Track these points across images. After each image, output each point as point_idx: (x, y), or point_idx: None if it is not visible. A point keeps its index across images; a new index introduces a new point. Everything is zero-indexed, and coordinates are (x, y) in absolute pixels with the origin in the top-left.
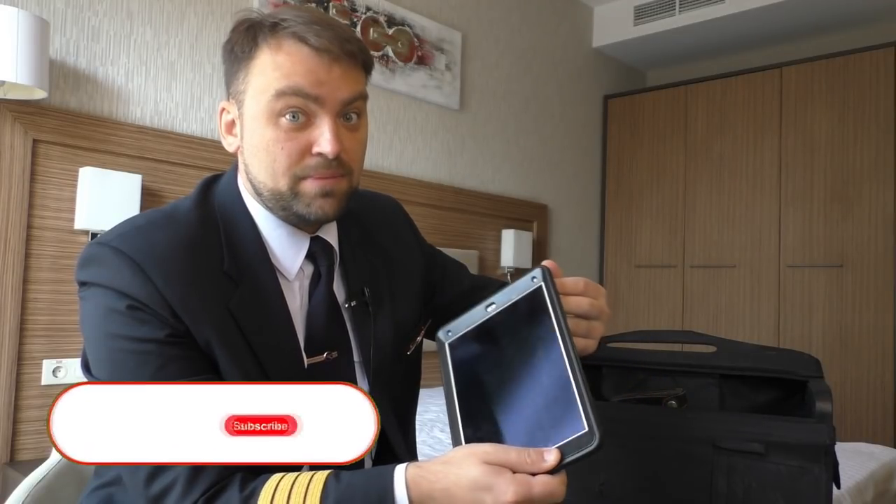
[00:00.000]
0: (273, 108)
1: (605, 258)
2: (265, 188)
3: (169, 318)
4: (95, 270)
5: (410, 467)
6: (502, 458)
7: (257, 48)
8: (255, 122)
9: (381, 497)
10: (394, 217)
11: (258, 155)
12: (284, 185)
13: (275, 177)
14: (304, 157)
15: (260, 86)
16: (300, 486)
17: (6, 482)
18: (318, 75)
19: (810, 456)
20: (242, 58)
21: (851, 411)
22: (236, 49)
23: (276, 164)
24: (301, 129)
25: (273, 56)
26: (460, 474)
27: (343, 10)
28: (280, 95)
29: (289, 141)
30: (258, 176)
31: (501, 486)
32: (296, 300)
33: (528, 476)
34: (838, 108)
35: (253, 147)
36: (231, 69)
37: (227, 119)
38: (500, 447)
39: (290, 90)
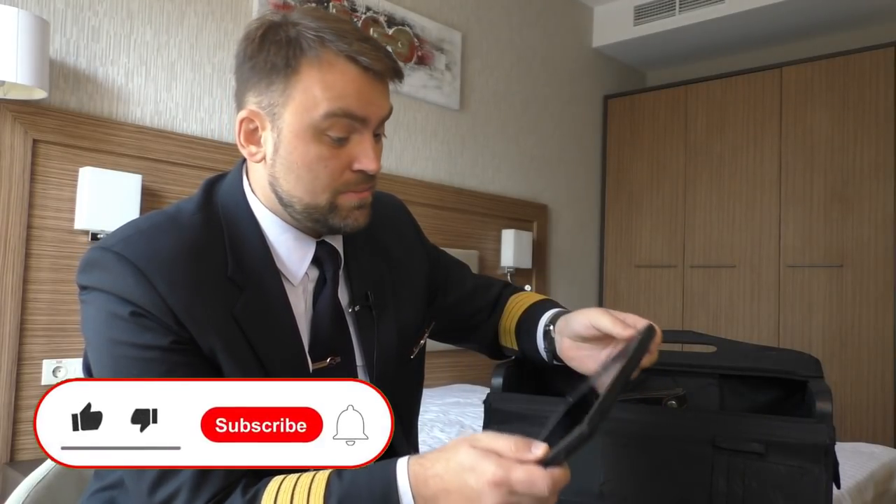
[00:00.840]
0: (320, 126)
1: (605, 258)
2: (300, 203)
3: (173, 325)
4: (98, 275)
5: (412, 459)
6: (490, 444)
7: (302, 63)
8: (297, 139)
9: (384, 489)
10: (397, 217)
11: (297, 171)
12: (324, 201)
13: (314, 193)
14: (344, 173)
15: (305, 103)
16: (303, 487)
17: (6, 482)
18: (368, 97)
19: (810, 456)
20: (282, 70)
21: (851, 411)
22: (272, 59)
23: (318, 182)
24: (343, 146)
25: (322, 74)
26: (450, 458)
27: (343, 10)
28: (330, 116)
29: (332, 159)
30: (293, 191)
31: (483, 467)
32: (300, 305)
33: (511, 461)
34: (838, 108)
35: (291, 163)
36: (262, 79)
37: (249, 128)
38: (492, 434)
39: (341, 112)
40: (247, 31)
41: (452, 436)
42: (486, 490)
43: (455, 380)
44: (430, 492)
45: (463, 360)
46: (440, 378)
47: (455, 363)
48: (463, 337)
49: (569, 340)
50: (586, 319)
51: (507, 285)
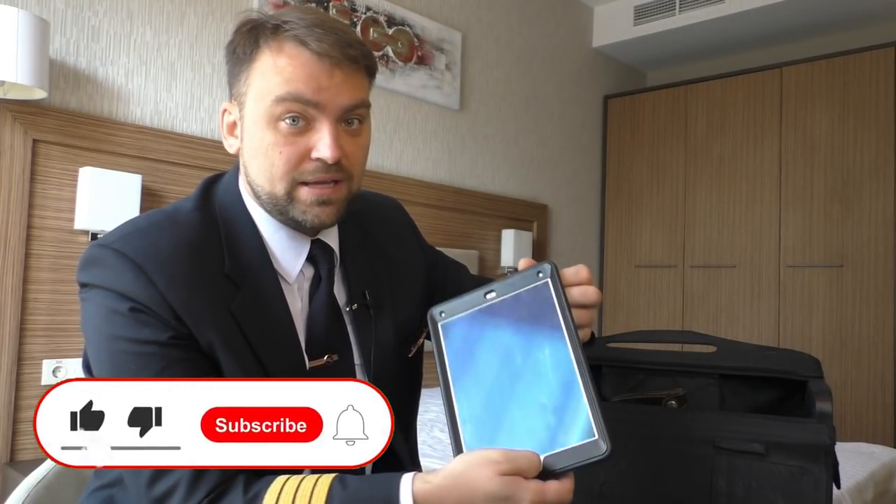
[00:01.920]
0: (273, 112)
1: (605, 258)
2: (263, 191)
3: (171, 320)
4: (97, 272)
5: (417, 480)
6: (514, 466)
7: (258, 50)
8: (255, 126)
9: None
10: (395, 218)
11: (257, 158)
12: (281, 190)
13: (272, 181)
14: (303, 162)
15: (261, 89)
16: (305, 490)
17: (6, 482)
18: (319, 81)
19: (810, 456)
20: (244, 59)
21: (851, 411)
22: (238, 50)
23: (274, 169)
24: (300, 134)
25: (274, 59)
26: (476, 488)
27: (343, 10)
28: (280, 101)
29: (287, 145)
30: (256, 179)
31: (518, 495)
32: (297, 303)
33: (541, 483)
34: (838, 108)
35: (252, 150)
36: (233, 70)
37: (228, 120)
38: (509, 454)
39: (290, 96)
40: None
41: None
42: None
43: None
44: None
45: None
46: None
47: None
48: None
49: None
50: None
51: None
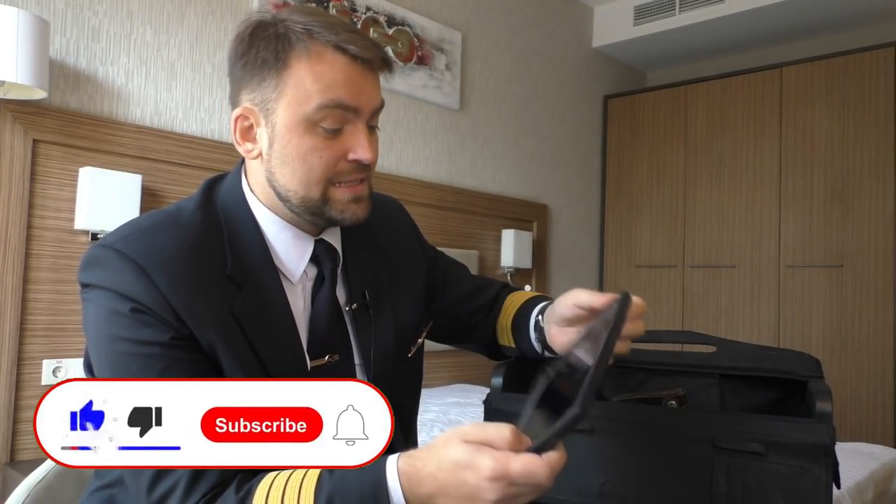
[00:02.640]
0: (312, 118)
1: (605, 258)
2: (296, 196)
3: (173, 321)
4: (99, 272)
5: (402, 457)
6: (481, 435)
7: (292, 56)
8: (291, 132)
9: (374, 486)
10: (396, 218)
11: (291, 164)
12: (317, 193)
13: (308, 184)
14: (339, 163)
15: (297, 96)
16: (294, 483)
17: (6, 482)
18: (359, 86)
19: (810, 456)
20: (273, 65)
21: (851, 411)
22: (262, 55)
23: (312, 173)
24: (336, 137)
25: (311, 66)
26: (442, 456)
27: (343, 9)
28: (322, 108)
29: (326, 150)
30: (288, 184)
31: (479, 462)
32: (299, 303)
33: (507, 453)
34: (838, 108)
35: (286, 156)
36: (252, 75)
37: (244, 125)
38: (480, 425)
39: (333, 104)
40: (237, 32)
41: None
42: (485, 485)
43: (455, 380)
44: (424, 491)
45: (463, 360)
46: (440, 378)
47: (455, 363)
48: (461, 337)
49: (555, 327)
50: (568, 300)
51: (506, 286)
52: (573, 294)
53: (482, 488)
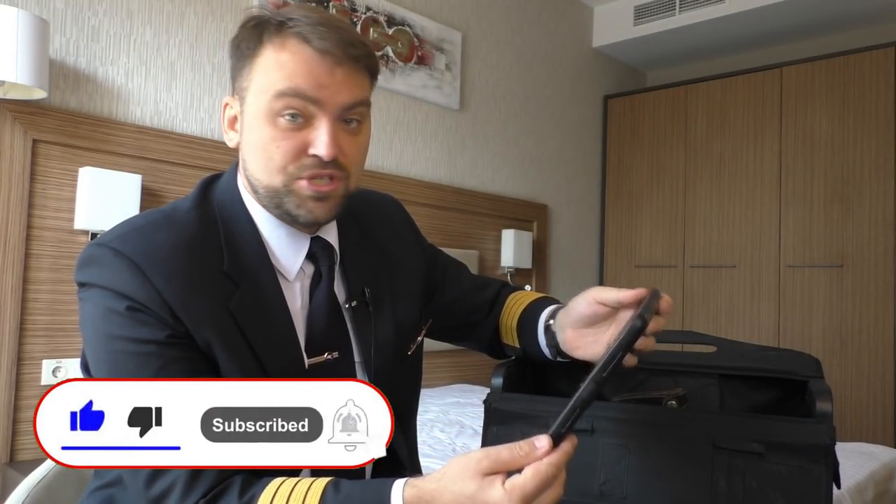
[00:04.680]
0: (273, 107)
1: (605, 258)
2: (260, 185)
3: (169, 319)
4: (95, 271)
5: (408, 486)
6: (494, 461)
7: (262, 45)
8: (255, 120)
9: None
10: (394, 216)
11: (256, 152)
12: (279, 183)
13: (270, 174)
14: (300, 157)
15: (262, 84)
16: (298, 494)
17: (6, 482)
18: (320, 78)
19: (810, 456)
20: (247, 54)
21: (851, 411)
22: (242, 45)
23: (272, 163)
24: (299, 130)
25: (276, 54)
26: (456, 491)
27: (343, 10)
28: (280, 96)
29: (285, 140)
30: (255, 172)
31: (495, 499)
32: (297, 301)
33: (517, 481)
34: (838, 108)
35: (251, 144)
36: (236, 65)
37: (229, 114)
38: (492, 451)
39: (290, 91)
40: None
41: (452, 436)
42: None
43: (455, 380)
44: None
45: (463, 360)
46: (440, 378)
47: (455, 363)
48: (461, 336)
49: (571, 331)
50: (588, 297)
51: (506, 285)
52: (594, 291)
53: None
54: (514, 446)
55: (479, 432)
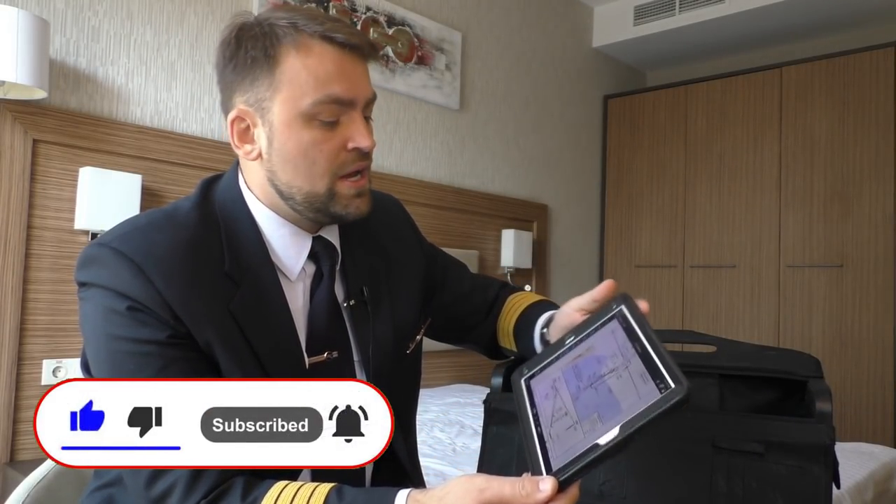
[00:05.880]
0: (311, 112)
1: (605, 258)
2: (300, 192)
3: (170, 319)
4: (95, 271)
5: (411, 497)
6: (497, 494)
7: (281, 51)
8: (289, 128)
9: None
10: (394, 216)
11: (293, 160)
12: (322, 187)
13: (313, 179)
14: (340, 154)
15: (292, 92)
16: (302, 497)
17: (6, 482)
18: (351, 77)
19: (810, 456)
20: (263, 63)
21: (851, 411)
22: (251, 54)
23: (316, 167)
24: (333, 128)
25: (303, 60)
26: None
27: (343, 9)
28: (318, 104)
29: (326, 142)
30: (292, 181)
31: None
32: (298, 300)
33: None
34: (838, 108)
35: (287, 153)
36: (244, 76)
37: (241, 127)
38: (495, 482)
39: (328, 98)
40: (222, 37)
41: (452, 436)
42: None
43: (455, 380)
44: None
45: (463, 360)
46: (440, 378)
47: (455, 363)
48: (460, 336)
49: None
50: (567, 309)
51: (505, 285)
52: (571, 303)
53: None
54: (517, 484)
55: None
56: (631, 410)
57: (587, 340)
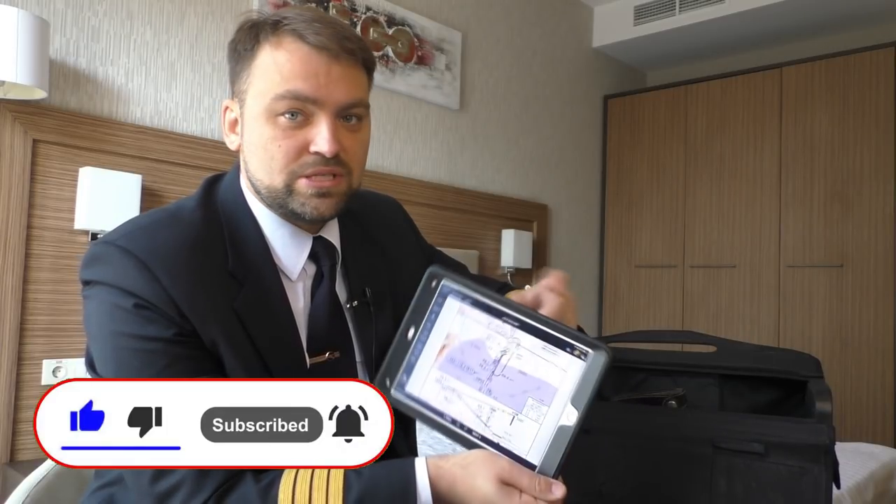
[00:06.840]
0: (272, 108)
1: (605, 258)
2: (262, 185)
3: (176, 317)
4: (101, 269)
5: (430, 463)
6: (516, 477)
7: (258, 47)
8: (255, 122)
9: (403, 487)
10: (394, 217)
11: (257, 153)
12: (280, 182)
13: (271, 174)
14: (302, 155)
15: (261, 87)
16: (320, 482)
17: (6, 482)
18: (318, 76)
19: (810, 456)
20: (245, 56)
21: (851, 411)
22: (239, 48)
23: (273, 162)
24: (299, 128)
25: (273, 55)
26: (475, 485)
27: (343, 10)
28: (279, 98)
29: (286, 139)
30: (256, 173)
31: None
32: (299, 300)
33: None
34: (838, 108)
35: (252, 145)
36: (235, 68)
37: (230, 117)
38: (516, 467)
39: (289, 94)
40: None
41: None
42: None
43: None
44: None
45: None
46: None
47: None
48: None
49: None
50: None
51: (505, 285)
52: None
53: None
54: (535, 479)
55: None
56: (567, 385)
57: (435, 329)
